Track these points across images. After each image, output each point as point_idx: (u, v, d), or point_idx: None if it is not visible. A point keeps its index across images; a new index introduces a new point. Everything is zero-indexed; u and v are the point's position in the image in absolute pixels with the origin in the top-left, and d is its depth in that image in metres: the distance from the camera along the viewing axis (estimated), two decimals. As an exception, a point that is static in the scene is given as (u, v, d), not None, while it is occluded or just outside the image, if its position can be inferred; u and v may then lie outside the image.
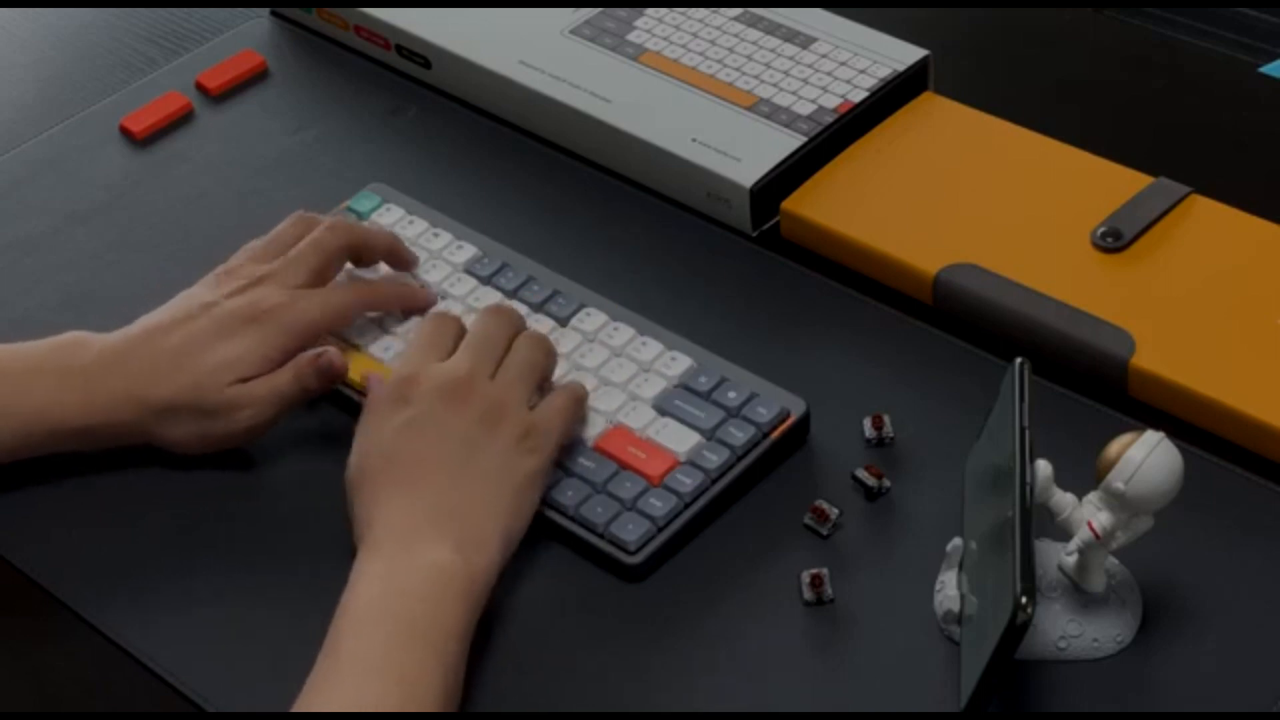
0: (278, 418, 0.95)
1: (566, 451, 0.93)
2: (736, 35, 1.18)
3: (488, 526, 0.87)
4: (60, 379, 0.94)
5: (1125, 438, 0.83)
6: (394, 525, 0.86)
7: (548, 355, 0.95)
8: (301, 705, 0.80)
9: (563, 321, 1.01)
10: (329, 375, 0.95)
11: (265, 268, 0.98)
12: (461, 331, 0.95)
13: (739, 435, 0.94)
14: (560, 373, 0.97)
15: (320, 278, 0.98)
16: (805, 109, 1.12)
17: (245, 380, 0.94)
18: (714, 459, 0.93)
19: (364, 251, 1.01)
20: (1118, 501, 0.82)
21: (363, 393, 0.94)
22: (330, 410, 0.99)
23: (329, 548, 0.89)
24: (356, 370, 0.98)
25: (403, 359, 0.94)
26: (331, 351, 0.95)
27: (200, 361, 0.94)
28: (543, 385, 0.95)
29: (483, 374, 0.92)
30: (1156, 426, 0.84)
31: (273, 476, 0.97)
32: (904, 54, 1.15)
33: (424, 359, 0.93)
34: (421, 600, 0.83)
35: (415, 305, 1.02)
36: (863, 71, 1.14)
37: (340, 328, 0.99)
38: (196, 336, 0.94)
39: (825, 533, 0.91)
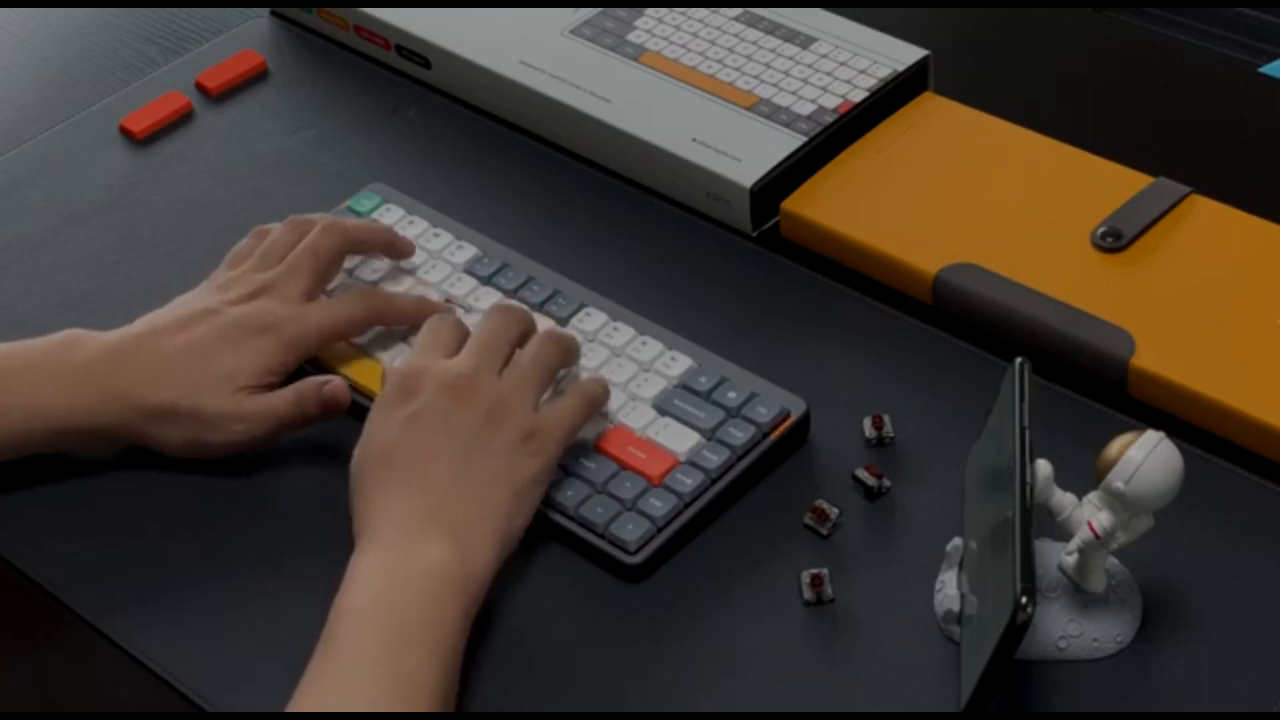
0: (272, 436, 0.95)
1: (567, 452, 0.93)
2: (736, 35, 1.18)
3: (485, 526, 0.86)
4: (55, 376, 0.94)
5: (1125, 438, 0.83)
6: (392, 522, 0.86)
7: (562, 352, 0.94)
8: (297, 702, 0.80)
9: (563, 321, 1.01)
10: (331, 406, 0.94)
11: (264, 277, 0.98)
12: (465, 334, 0.95)
13: (739, 435, 0.94)
14: (560, 373, 0.96)
15: (319, 283, 0.99)
16: (805, 109, 1.11)
17: (246, 392, 0.94)
18: (714, 459, 0.93)
19: (360, 249, 1.02)
20: (1118, 501, 0.82)
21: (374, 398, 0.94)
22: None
23: (330, 548, 0.89)
24: (368, 379, 0.98)
25: (407, 356, 0.94)
26: (336, 382, 0.94)
27: (204, 368, 0.94)
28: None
29: (488, 372, 0.91)
30: (1156, 426, 0.84)
31: (274, 477, 0.97)
32: (904, 54, 1.15)
33: (428, 355, 0.92)
34: (417, 598, 0.83)
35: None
36: (863, 71, 1.14)
37: (346, 339, 0.99)
38: (200, 343, 0.94)
39: (825, 533, 0.91)
